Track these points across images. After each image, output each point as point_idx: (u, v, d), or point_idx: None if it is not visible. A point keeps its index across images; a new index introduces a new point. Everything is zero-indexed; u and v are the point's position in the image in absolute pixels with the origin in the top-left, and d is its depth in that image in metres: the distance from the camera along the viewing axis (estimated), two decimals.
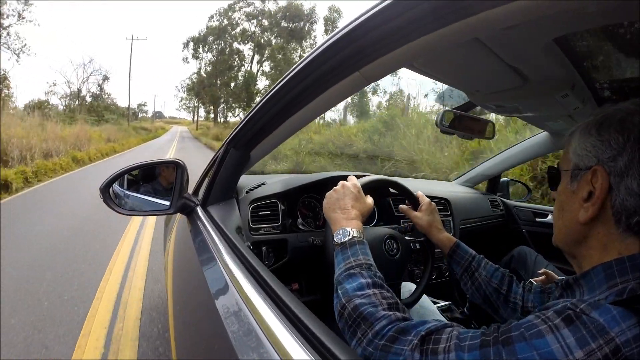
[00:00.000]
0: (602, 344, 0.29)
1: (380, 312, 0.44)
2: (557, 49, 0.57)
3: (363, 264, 0.52)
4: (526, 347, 0.32)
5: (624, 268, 0.35)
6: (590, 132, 0.40)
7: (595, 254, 0.39)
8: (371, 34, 0.42)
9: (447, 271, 1.33)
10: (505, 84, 0.71)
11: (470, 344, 0.35)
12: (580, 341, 0.30)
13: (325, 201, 0.66)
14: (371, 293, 0.47)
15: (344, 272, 0.51)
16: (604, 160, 0.38)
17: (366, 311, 0.44)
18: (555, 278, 0.80)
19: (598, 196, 0.38)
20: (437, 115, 0.96)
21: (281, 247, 0.93)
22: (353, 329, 0.44)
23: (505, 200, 1.70)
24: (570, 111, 0.86)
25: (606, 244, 0.38)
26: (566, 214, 0.43)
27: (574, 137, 0.43)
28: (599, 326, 0.30)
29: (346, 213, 0.62)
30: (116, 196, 0.92)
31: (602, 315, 0.31)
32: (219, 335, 0.49)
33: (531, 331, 0.32)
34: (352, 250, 0.55)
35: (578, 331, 0.31)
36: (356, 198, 0.65)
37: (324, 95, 0.54)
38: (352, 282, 0.49)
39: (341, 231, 0.58)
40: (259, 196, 0.97)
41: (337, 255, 0.56)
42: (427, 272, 0.88)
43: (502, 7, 0.31)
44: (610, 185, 0.37)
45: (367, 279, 0.49)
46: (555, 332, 0.31)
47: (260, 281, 0.51)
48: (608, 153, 0.38)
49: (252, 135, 0.75)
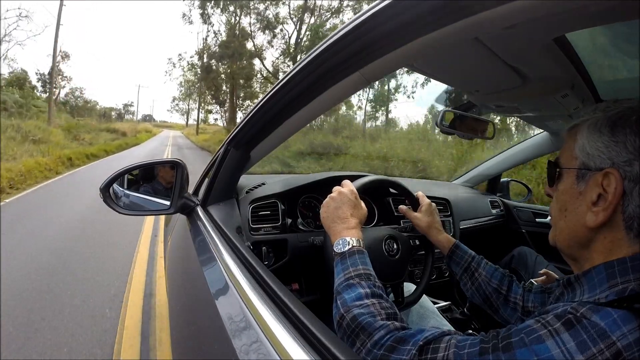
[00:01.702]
0: (603, 349, 0.29)
1: (379, 322, 0.44)
2: (557, 49, 0.57)
3: (362, 274, 0.52)
4: (526, 353, 0.31)
5: (626, 268, 0.35)
6: (601, 130, 0.38)
7: (598, 258, 0.38)
8: (371, 33, 0.42)
9: (447, 271, 1.33)
10: (505, 84, 0.71)
11: (469, 351, 0.35)
12: (580, 346, 0.30)
13: (322, 210, 0.65)
14: (369, 303, 0.47)
15: (343, 282, 0.51)
16: (619, 163, 0.36)
17: (364, 321, 0.44)
18: (555, 278, 0.80)
19: (611, 201, 0.36)
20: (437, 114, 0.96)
21: (281, 247, 0.93)
22: (352, 339, 0.44)
23: (505, 200, 1.70)
24: (571, 111, 0.86)
25: (612, 249, 0.37)
26: (570, 215, 0.41)
27: (580, 133, 0.40)
28: (599, 330, 0.30)
29: (345, 222, 0.61)
30: (116, 196, 0.92)
31: (603, 319, 0.31)
32: (219, 335, 0.49)
33: (531, 336, 0.32)
34: (351, 260, 0.54)
35: (579, 335, 0.30)
36: (354, 205, 0.64)
37: (324, 95, 0.54)
38: (351, 293, 0.49)
39: (341, 241, 0.58)
40: (259, 196, 0.97)
41: (336, 265, 0.56)
42: (427, 272, 0.88)
43: (502, 7, 0.31)
44: (624, 190, 0.35)
45: (366, 289, 0.49)
46: (555, 336, 0.31)
47: (260, 281, 0.51)
48: (624, 156, 0.36)
49: (252, 135, 0.75)
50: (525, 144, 1.53)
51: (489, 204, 1.60)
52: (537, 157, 1.56)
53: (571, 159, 0.41)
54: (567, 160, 0.42)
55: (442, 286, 1.33)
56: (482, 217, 1.54)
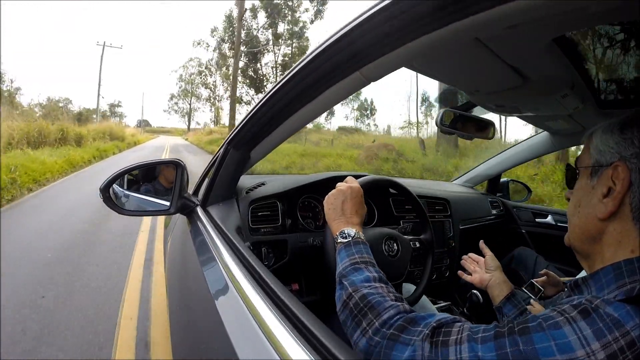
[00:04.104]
0: (618, 337, 0.30)
1: (389, 302, 0.44)
2: (557, 49, 0.57)
3: (368, 261, 0.53)
4: (544, 337, 0.32)
5: (633, 268, 0.36)
6: (612, 130, 0.41)
7: (608, 252, 0.39)
8: (371, 33, 0.42)
9: (447, 271, 1.33)
10: (505, 84, 0.71)
11: (483, 335, 0.35)
12: (597, 333, 0.31)
13: (328, 201, 0.65)
14: (378, 286, 0.47)
15: (349, 266, 0.52)
16: (626, 156, 0.39)
17: (374, 300, 0.44)
18: (556, 279, 0.80)
19: (619, 191, 0.38)
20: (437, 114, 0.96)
21: (281, 248, 0.93)
22: (358, 319, 0.44)
23: (505, 200, 1.70)
24: (570, 111, 0.86)
25: (621, 240, 0.38)
26: (583, 209, 0.43)
27: (595, 135, 0.44)
28: (614, 319, 0.31)
29: (350, 217, 0.62)
30: (116, 196, 0.92)
31: (616, 310, 0.32)
32: (219, 335, 0.49)
33: (549, 322, 0.33)
34: (356, 248, 0.55)
35: (595, 323, 0.31)
36: (360, 203, 0.65)
37: (324, 95, 0.54)
38: (359, 275, 0.49)
39: (346, 231, 0.58)
40: (259, 196, 0.97)
41: (339, 253, 0.56)
42: (427, 272, 0.87)
43: (502, 7, 0.31)
44: (630, 181, 0.38)
45: (374, 274, 0.50)
46: (572, 323, 0.32)
47: (260, 281, 0.51)
48: (630, 150, 0.38)
49: (252, 135, 0.75)
50: (525, 144, 1.53)
51: (489, 204, 1.60)
52: (537, 157, 1.56)
53: (587, 160, 0.44)
54: (583, 161, 0.45)
55: (442, 286, 1.33)
56: (482, 217, 1.54)
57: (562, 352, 0.31)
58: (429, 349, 0.36)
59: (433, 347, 0.36)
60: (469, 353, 0.34)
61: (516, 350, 0.33)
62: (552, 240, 1.50)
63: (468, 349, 0.35)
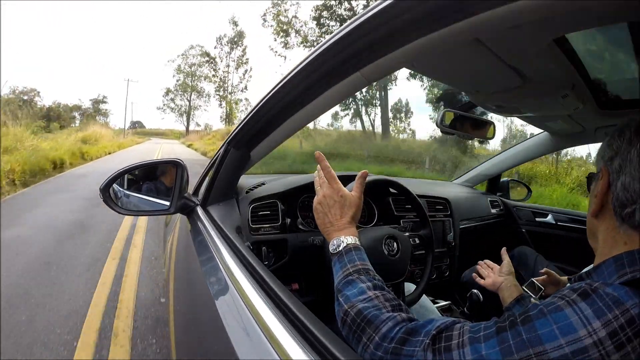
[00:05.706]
0: (618, 314, 0.31)
1: (385, 315, 0.43)
2: (557, 49, 0.57)
3: (360, 269, 0.52)
4: (546, 322, 0.33)
5: (633, 259, 0.37)
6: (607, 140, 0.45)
7: (605, 247, 0.42)
8: (372, 34, 0.42)
9: (447, 271, 1.33)
10: (505, 84, 0.71)
11: (485, 334, 0.36)
12: (597, 312, 0.32)
13: (315, 217, 0.63)
14: (373, 296, 0.47)
15: (343, 279, 0.51)
16: (606, 161, 0.43)
17: (370, 314, 0.44)
18: (556, 277, 0.81)
19: (599, 190, 0.43)
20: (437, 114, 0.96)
21: (281, 247, 0.93)
22: (358, 335, 0.44)
23: (505, 200, 1.70)
24: (571, 111, 0.86)
25: (614, 236, 0.41)
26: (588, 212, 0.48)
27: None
28: (614, 298, 0.32)
29: (335, 225, 0.61)
30: (116, 196, 0.92)
31: (615, 290, 0.33)
32: (219, 335, 0.49)
33: (549, 307, 0.34)
34: (348, 257, 0.55)
35: (594, 303, 0.33)
36: (341, 205, 0.61)
37: (324, 95, 0.54)
38: (352, 289, 0.49)
39: (335, 241, 0.58)
40: (259, 196, 0.97)
41: (334, 265, 0.56)
42: (427, 271, 0.88)
43: (503, 8, 0.31)
44: (609, 182, 0.41)
45: (367, 283, 0.49)
46: (573, 305, 0.33)
47: (260, 281, 0.51)
48: (609, 154, 0.42)
49: (252, 135, 0.75)
50: (526, 144, 1.53)
51: (489, 204, 1.61)
52: (537, 157, 1.56)
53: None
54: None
55: (442, 286, 1.33)
56: (482, 216, 1.54)
57: (565, 334, 0.32)
58: (432, 357, 0.36)
59: (436, 354, 0.36)
60: (472, 355, 0.35)
61: (519, 340, 0.33)
62: (552, 239, 1.50)
63: (471, 351, 0.35)
